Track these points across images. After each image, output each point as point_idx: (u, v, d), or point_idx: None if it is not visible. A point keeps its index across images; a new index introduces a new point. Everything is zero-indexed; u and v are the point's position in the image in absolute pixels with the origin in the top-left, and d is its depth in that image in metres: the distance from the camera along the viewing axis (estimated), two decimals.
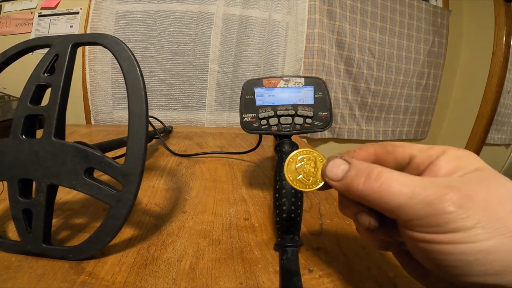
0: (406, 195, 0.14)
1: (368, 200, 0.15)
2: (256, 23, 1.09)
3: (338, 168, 0.17)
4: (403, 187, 0.14)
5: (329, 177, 0.17)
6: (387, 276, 0.23)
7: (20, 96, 0.25)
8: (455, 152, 0.16)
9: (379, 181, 0.15)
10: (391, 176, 0.15)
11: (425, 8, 1.36)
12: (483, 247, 0.12)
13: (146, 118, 0.23)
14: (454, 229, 0.13)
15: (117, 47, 0.24)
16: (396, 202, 0.14)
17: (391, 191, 0.14)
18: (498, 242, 0.12)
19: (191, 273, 0.23)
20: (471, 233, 0.12)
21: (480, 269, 0.12)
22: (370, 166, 0.16)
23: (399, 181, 0.14)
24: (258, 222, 0.32)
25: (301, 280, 0.22)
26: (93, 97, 1.01)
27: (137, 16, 1.01)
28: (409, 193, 0.14)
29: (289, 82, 0.34)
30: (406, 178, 0.15)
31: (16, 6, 1.03)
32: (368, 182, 0.15)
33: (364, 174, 0.15)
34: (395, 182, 0.14)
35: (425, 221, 0.13)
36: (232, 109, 1.11)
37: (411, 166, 0.17)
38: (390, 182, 0.14)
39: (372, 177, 0.15)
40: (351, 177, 0.16)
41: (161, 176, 0.46)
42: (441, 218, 0.13)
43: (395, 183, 0.14)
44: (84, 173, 0.23)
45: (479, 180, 0.14)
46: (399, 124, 1.44)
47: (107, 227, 0.23)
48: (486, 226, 0.12)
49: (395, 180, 0.14)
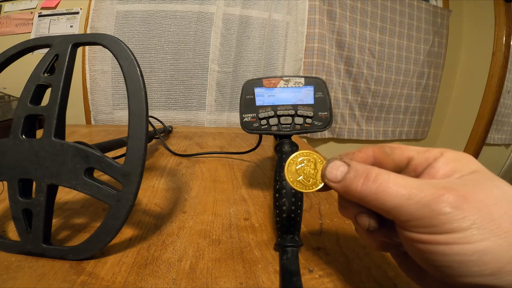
0: (403, 196, 0.14)
1: (367, 201, 0.15)
2: (256, 23, 1.09)
3: (338, 170, 0.17)
4: (400, 189, 0.14)
5: (329, 179, 0.18)
6: (387, 276, 0.23)
7: (20, 96, 0.25)
8: (453, 154, 0.16)
9: (377, 182, 0.15)
10: (389, 177, 0.15)
11: (425, 8, 1.36)
12: (478, 248, 0.12)
13: (146, 118, 0.23)
14: (449, 229, 0.13)
15: (117, 47, 0.24)
16: (393, 203, 0.14)
17: (389, 192, 0.14)
18: (493, 243, 0.12)
19: (191, 273, 0.23)
20: (467, 234, 0.13)
21: (475, 270, 0.13)
22: (368, 168, 0.16)
23: (396, 183, 0.15)
24: (258, 222, 0.32)
25: (301, 280, 0.22)
26: (93, 97, 1.01)
27: (137, 16, 1.01)
28: (406, 194, 0.14)
29: (289, 82, 0.34)
30: (403, 180, 0.15)
31: (16, 6, 1.03)
32: (366, 184, 0.15)
33: (363, 176, 0.16)
34: (392, 183, 0.15)
35: (422, 222, 0.14)
36: (232, 109, 1.11)
37: (409, 168, 0.17)
38: (387, 183, 0.15)
39: (370, 179, 0.15)
40: (350, 179, 0.16)
41: (161, 176, 0.46)
42: (437, 219, 0.13)
43: (392, 184, 0.15)
44: (84, 173, 0.23)
45: (475, 182, 0.14)
46: (399, 124, 1.44)
47: (107, 227, 0.23)
48: (481, 227, 0.12)
49: (392, 182, 0.15)
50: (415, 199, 0.14)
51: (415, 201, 0.14)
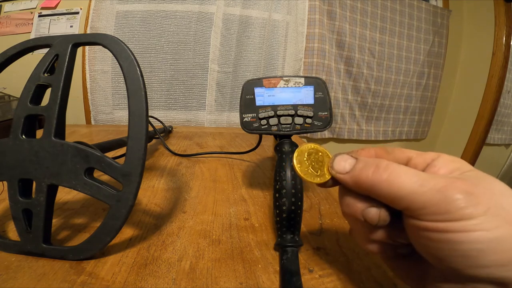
0: (416, 183, 0.14)
1: (378, 189, 0.15)
2: (256, 23, 1.09)
3: (346, 162, 0.18)
4: (413, 176, 0.14)
5: (337, 170, 0.18)
6: (387, 276, 0.23)
7: (20, 96, 0.25)
8: (449, 156, 0.17)
9: (388, 171, 0.15)
10: (399, 167, 0.15)
11: (425, 8, 1.36)
12: (495, 235, 0.12)
13: (146, 118, 0.23)
14: (465, 215, 0.13)
15: (117, 47, 0.24)
16: (406, 189, 0.14)
17: (401, 179, 0.15)
18: (507, 230, 0.12)
19: (191, 273, 0.23)
20: (483, 220, 0.12)
21: (492, 259, 0.12)
22: (377, 159, 0.17)
23: (407, 171, 0.15)
24: (258, 222, 0.32)
25: (301, 280, 0.22)
26: (93, 97, 1.01)
27: (137, 16, 1.01)
28: (418, 180, 0.14)
29: (289, 82, 0.34)
30: (413, 171, 0.15)
31: (16, 6, 1.03)
32: (378, 172, 0.16)
33: (373, 166, 0.16)
34: (403, 172, 0.15)
35: (436, 209, 0.13)
36: (232, 109, 1.11)
37: (409, 166, 0.17)
38: (399, 172, 0.15)
39: (381, 167, 0.16)
40: (360, 168, 0.17)
41: (161, 176, 0.46)
42: (452, 205, 0.13)
43: (404, 173, 0.15)
44: (84, 173, 0.23)
45: (477, 177, 0.15)
46: (399, 124, 1.44)
47: (107, 227, 0.23)
48: (495, 214, 0.12)
49: (403, 171, 0.15)
50: (428, 185, 0.14)
51: (428, 187, 0.14)
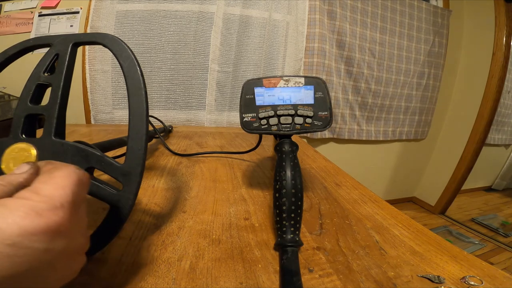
0: None
1: None
2: (256, 23, 1.09)
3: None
4: None
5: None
6: (387, 276, 0.23)
7: (20, 96, 0.25)
8: None
9: None
10: None
11: (425, 8, 1.36)
12: None
13: (146, 118, 0.23)
14: None
15: (117, 46, 0.24)
16: None
17: None
18: None
19: (191, 273, 0.23)
20: None
21: None
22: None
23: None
24: (258, 222, 0.32)
25: (301, 280, 0.22)
26: (93, 97, 1.01)
27: (137, 15, 1.01)
28: None
29: (289, 82, 0.34)
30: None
31: (16, 5, 1.03)
32: None
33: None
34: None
35: None
36: (232, 109, 1.11)
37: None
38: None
39: None
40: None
41: (161, 175, 0.46)
42: None
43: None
44: None
45: None
46: (399, 124, 1.44)
47: (107, 227, 0.23)
48: None
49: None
50: None
51: None
